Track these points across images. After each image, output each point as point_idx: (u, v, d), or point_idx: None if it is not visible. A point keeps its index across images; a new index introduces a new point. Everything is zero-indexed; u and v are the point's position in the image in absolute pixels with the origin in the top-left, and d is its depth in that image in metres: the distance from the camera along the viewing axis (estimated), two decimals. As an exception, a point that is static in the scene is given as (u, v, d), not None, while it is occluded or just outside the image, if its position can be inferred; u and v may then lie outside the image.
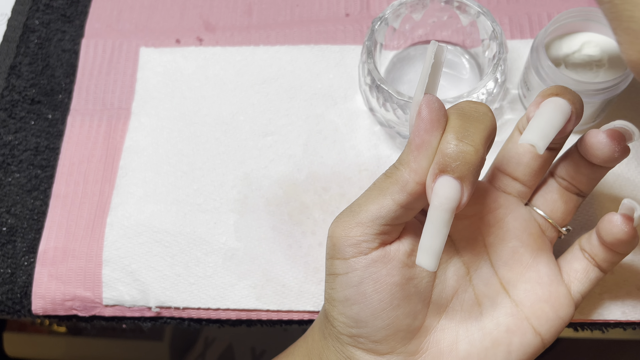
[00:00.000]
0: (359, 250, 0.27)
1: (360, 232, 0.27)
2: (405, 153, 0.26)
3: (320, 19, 0.46)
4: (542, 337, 0.30)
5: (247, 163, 0.41)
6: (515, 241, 0.31)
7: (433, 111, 0.25)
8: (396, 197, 0.26)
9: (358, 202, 0.28)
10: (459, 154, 0.25)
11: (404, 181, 0.26)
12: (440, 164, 0.25)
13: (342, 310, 0.28)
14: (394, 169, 0.27)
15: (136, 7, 0.48)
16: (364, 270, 0.27)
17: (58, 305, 0.39)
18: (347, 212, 0.28)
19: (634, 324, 0.37)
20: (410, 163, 0.26)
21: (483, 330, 0.30)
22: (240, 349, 0.76)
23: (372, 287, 0.27)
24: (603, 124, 0.40)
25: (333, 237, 0.28)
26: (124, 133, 0.43)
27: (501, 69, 0.36)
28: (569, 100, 0.27)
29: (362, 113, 0.42)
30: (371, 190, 0.28)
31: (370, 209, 0.27)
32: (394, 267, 0.28)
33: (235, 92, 0.44)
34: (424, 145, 0.25)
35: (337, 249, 0.28)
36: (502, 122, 0.41)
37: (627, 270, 0.37)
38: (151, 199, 0.41)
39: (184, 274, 0.39)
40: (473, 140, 0.25)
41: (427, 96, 0.25)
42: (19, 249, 0.41)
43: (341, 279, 0.28)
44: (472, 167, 0.25)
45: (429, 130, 0.25)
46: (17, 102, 0.44)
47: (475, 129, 0.25)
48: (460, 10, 0.39)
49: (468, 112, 0.26)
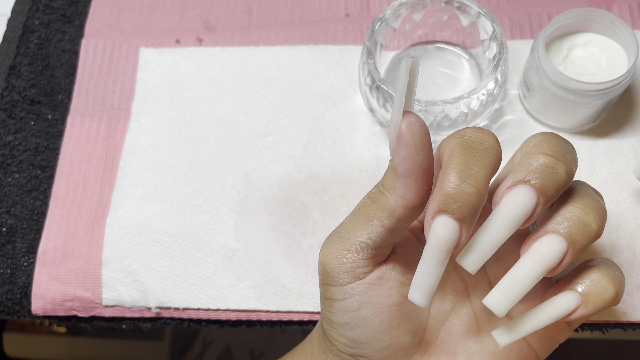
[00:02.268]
0: (354, 276, 0.27)
1: (352, 259, 0.27)
2: (390, 179, 0.25)
3: (320, 19, 0.46)
4: (537, 353, 0.30)
5: (247, 163, 0.41)
6: (512, 254, 0.31)
7: (415, 134, 0.24)
8: (385, 222, 0.26)
9: (346, 228, 0.27)
10: (460, 195, 0.24)
11: (392, 207, 0.25)
12: (440, 204, 0.24)
13: (342, 332, 0.28)
14: (379, 194, 0.26)
15: (136, 7, 0.48)
16: (362, 295, 0.27)
17: (58, 306, 0.39)
18: (336, 238, 0.27)
19: (634, 325, 0.37)
20: (397, 189, 0.25)
21: (481, 345, 0.30)
22: (239, 350, 0.76)
23: (371, 311, 0.27)
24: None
25: (325, 264, 0.27)
26: (123, 133, 0.43)
27: (501, 69, 0.36)
28: (538, 192, 0.25)
29: (362, 113, 0.42)
30: (358, 215, 0.27)
31: (360, 235, 0.26)
32: (391, 287, 0.27)
33: (235, 93, 0.44)
34: (409, 171, 0.25)
35: (332, 277, 0.27)
36: (501, 122, 0.41)
37: (627, 271, 0.37)
38: (151, 200, 0.41)
39: (184, 274, 0.39)
40: (476, 181, 0.24)
41: (407, 116, 0.24)
42: (19, 250, 0.41)
43: (339, 304, 0.27)
44: (473, 209, 0.24)
45: (412, 156, 0.24)
46: (17, 103, 0.44)
47: (479, 167, 0.24)
48: (460, 10, 0.39)
49: (473, 144, 0.25)
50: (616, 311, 0.36)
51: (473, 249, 0.25)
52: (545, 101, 0.38)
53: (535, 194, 0.25)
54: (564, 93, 0.36)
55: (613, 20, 0.37)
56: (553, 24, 0.37)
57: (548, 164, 0.25)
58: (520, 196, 0.25)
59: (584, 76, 0.38)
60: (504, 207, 0.25)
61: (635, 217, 0.38)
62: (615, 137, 0.40)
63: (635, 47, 0.36)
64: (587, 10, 0.37)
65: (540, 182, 0.25)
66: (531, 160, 0.25)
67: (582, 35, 0.39)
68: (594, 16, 0.38)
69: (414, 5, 0.39)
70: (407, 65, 0.23)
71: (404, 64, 0.24)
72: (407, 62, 0.23)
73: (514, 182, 0.25)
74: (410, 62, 0.23)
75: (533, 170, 0.25)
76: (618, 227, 0.38)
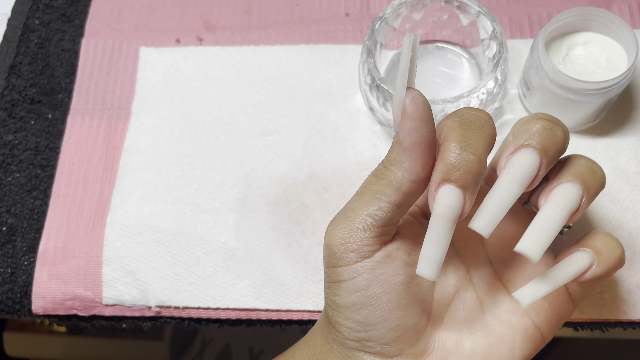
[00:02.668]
0: (362, 255, 0.27)
1: (360, 237, 0.27)
2: (396, 153, 0.26)
3: (320, 18, 0.46)
4: (542, 333, 0.30)
5: (247, 162, 0.41)
6: (515, 241, 0.31)
7: (419, 107, 0.25)
8: (391, 198, 0.26)
9: (352, 207, 0.27)
10: (462, 163, 0.24)
11: (398, 181, 0.26)
12: (443, 173, 0.25)
13: (349, 315, 0.28)
14: (384, 170, 0.26)
15: (136, 6, 0.48)
16: (371, 273, 0.27)
17: (58, 305, 0.39)
18: (342, 218, 0.28)
19: (634, 324, 0.37)
20: (403, 163, 0.26)
21: (486, 328, 0.30)
22: (238, 348, 0.76)
23: (380, 289, 0.27)
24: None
25: (332, 245, 0.27)
26: (124, 133, 0.43)
27: (501, 68, 0.36)
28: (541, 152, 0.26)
29: (362, 113, 0.42)
30: (363, 193, 0.27)
31: (366, 212, 0.27)
32: (398, 266, 0.28)
33: (235, 92, 0.44)
34: (415, 144, 0.25)
35: (339, 257, 0.27)
36: (501, 121, 0.41)
37: (626, 269, 0.37)
38: (151, 199, 0.41)
39: (184, 273, 0.39)
40: (475, 149, 0.25)
41: (410, 91, 0.25)
42: (19, 249, 0.41)
43: (346, 284, 0.28)
44: (475, 176, 0.25)
45: (418, 128, 0.25)
46: (17, 102, 0.44)
47: (477, 137, 0.25)
48: (460, 9, 0.39)
49: (469, 119, 0.26)
50: (616, 310, 0.36)
51: (484, 211, 0.25)
52: (545, 100, 0.38)
53: (538, 154, 0.26)
54: (563, 92, 0.37)
55: (613, 20, 0.37)
56: (553, 23, 0.37)
57: (546, 126, 0.26)
58: (525, 157, 0.26)
59: (583, 75, 0.38)
60: (511, 169, 0.26)
61: (635, 216, 0.38)
62: (615, 136, 0.40)
63: (635, 46, 0.36)
64: (587, 9, 0.37)
65: (541, 143, 0.26)
66: (529, 126, 0.26)
67: (582, 35, 0.39)
68: (594, 15, 0.38)
69: (414, 5, 0.39)
70: (410, 41, 0.24)
71: (406, 39, 0.24)
72: (410, 37, 0.24)
73: (517, 147, 0.26)
74: (413, 38, 0.24)
75: (533, 134, 0.26)
76: (618, 226, 0.38)
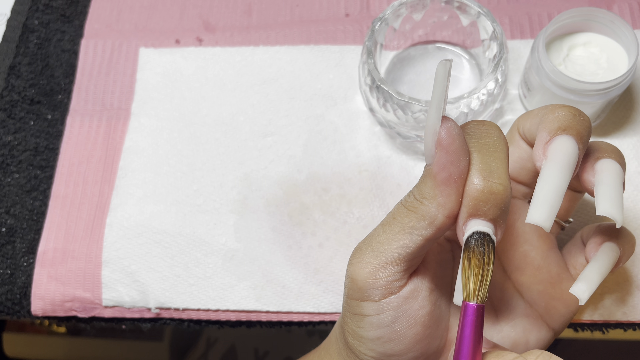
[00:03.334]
0: (390, 291, 0.26)
1: (388, 273, 0.26)
2: (429, 187, 0.24)
3: (320, 19, 0.46)
4: (554, 331, 0.31)
5: (247, 164, 0.41)
6: (526, 245, 0.31)
7: (455, 140, 0.23)
8: (424, 232, 0.25)
9: (379, 240, 0.26)
10: (489, 196, 0.23)
11: (432, 216, 0.24)
12: (470, 208, 0.24)
13: (372, 347, 0.27)
14: (417, 203, 0.25)
15: (136, 7, 0.48)
16: (397, 310, 0.26)
17: (57, 306, 0.39)
18: (369, 251, 0.26)
19: (635, 325, 0.37)
20: (437, 197, 0.24)
21: (501, 333, 0.30)
22: (243, 349, 0.76)
23: (405, 324, 0.26)
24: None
25: (358, 280, 0.26)
26: (123, 134, 0.43)
27: (501, 69, 0.36)
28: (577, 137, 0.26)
29: (362, 113, 0.42)
30: (393, 226, 0.26)
31: (396, 246, 0.25)
32: (424, 297, 0.27)
33: (235, 93, 0.44)
34: (451, 178, 0.24)
35: (365, 292, 0.26)
36: (502, 122, 0.41)
37: (627, 271, 0.37)
38: (151, 200, 0.41)
39: (184, 274, 0.39)
40: (500, 177, 0.24)
41: (446, 122, 0.23)
42: (19, 250, 0.41)
43: (371, 319, 0.27)
44: (504, 205, 0.24)
45: (454, 162, 0.24)
46: (16, 103, 0.44)
47: (497, 161, 0.24)
48: (460, 10, 0.39)
49: (484, 141, 0.25)
50: (616, 311, 0.36)
51: (540, 203, 0.24)
52: (546, 101, 0.38)
53: (574, 139, 0.25)
54: (564, 93, 0.36)
55: (613, 20, 0.37)
56: (553, 24, 0.37)
57: (573, 112, 0.26)
58: (566, 143, 0.25)
59: (584, 76, 0.37)
60: (556, 156, 0.25)
61: (635, 217, 0.38)
62: (616, 136, 0.40)
63: (636, 46, 0.36)
64: (587, 10, 0.37)
65: (575, 129, 0.25)
66: (557, 114, 0.26)
67: (583, 35, 0.39)
68: (594, 16, 0.38)
69: (414, 5, 0.39)
70: (445, 68, 0.23)
71: (441, 67, 0.23)
72: (445, 65, 0.23)
73: (551, 135, 0.25)
74: (448, 65, 0.23)
75: (565, 120, 0.26)
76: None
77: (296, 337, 0.72)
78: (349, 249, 0.38)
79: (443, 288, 0.29)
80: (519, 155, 0.30)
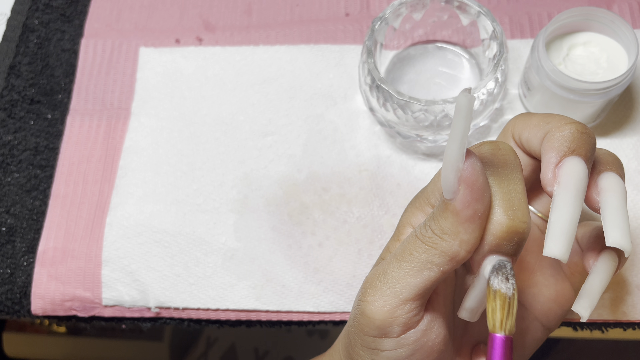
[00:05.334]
0: (408, 327, 0.25)
1: (407, 310, 0.25)
2: (451, 223, 0.23)
3: (320, 18, 0.46)
4: (549, 329, 0.31)
5: (246, 163, 0.41)
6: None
7: (480, 176, 0.23)
8: (444, 268, 0.24)
9: (396, 277, 0.25)
10: (513, 236, 0.23)
11: (454, 253, 0.24)
12: (493, 246, 0.23)
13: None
14: (437, 239, 0.24)
15: (136, 7, 0.48)
16: (415, 344, 0.26)
17: (57, 306, 0.39)
18: (385, 289, 0.25)
19: (634, 324, 0.37)
20: (460, 235, 0.23)
21: None
22: (243, 349, 0.76)
23: (422, 355, 0.26)
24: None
25: (376, 319, 0.25)
26: (123, 133, 0.43)
27: (501, 68, 0.36)
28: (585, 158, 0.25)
29: (362, 113, 0.42)
30: (410, 263, 0.25)
31: (415, 283, 0.25)
32: (440, 325, 0.26)
33: (235, 92, 0.44)
34: (476, 215, 0.23)
35: (383, 330, 0.26)
36: (502, 122, 0.41)
37: (627, 270, 0.37)
38: (151, 199, 0.41)
39: (184, 274, 0.39)
40: (523, 214, 0.23)
41: (470, 158, 0.22)
42: (19, 249, 0.41)
43: (388, 354, 0.26)
44: (524, 241, 0.23)
45: (479, 200, 0.23)
46: (16, 102, 0.44)
47: (518, 194, 0.23)
48: (460, 10, 0.39)
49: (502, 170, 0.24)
50: (616, 310, 0.36)
51: (557, 235, 0.24)
52: (546, 100, 0.38)
53: (583, 161, 0.25)
54: (564, 92, 0.36)
55: (613, 20, 0.37)
56: (553, 23, 0.37)
57: (581, 130, 0.25)
58: (577, 167, 0.24)
59: (584, 75, 0.37)
60: (568, 183, 0.24)
61: (635, 216, 0.38)
62: (616, 136, 0.40)
63: (636, 46, 0.36)
64: (587, 9, 0.37)
65: (584, 149, 0.25)
66: (565, 133, 0.25)
67: (583, 35, 0.39)
68: (594, 15, 0.38)
69: (414, 5, 0.39)
70: (468, 102, 0.21)
71: (463, 99, 0.21)
72: (468, 99, 0.21)
73: (561, 157, 0.25)
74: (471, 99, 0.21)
75: (573, 141, 0.25)
76: (618, 227, 0.38)
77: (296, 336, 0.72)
78: (348, 248, 0.38)
79: (450, 305, 0.29)
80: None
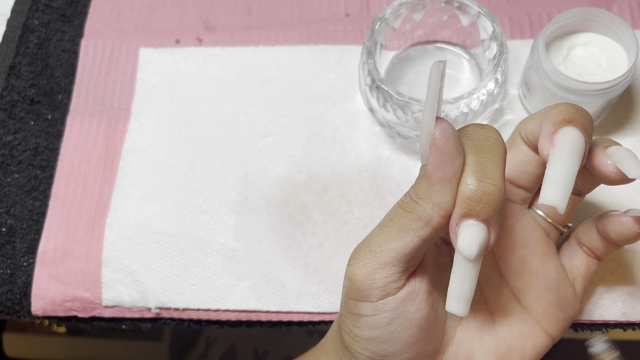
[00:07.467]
0: (387, 292, 0.26)
1: (386, 274, 0.26)
2: (424, 187, 0.24)
3: (320, 19, 0.46)
4: (552, 337, 0.30)
5: (247, 164, 0.41)
6: (524, 250, 0.31)
7: (449, 140, 0.23)
8: (420, 233, 0.25)
9: (377, 241, 0.26)
10: (482, 196, 0.23)
11: (428, 217, 0.24)
12: (463, 208, 0.24)
13: (367, 346, 0.27)
14: (413, 204, 0.25)
15: (136, 7, 0.48)
16: (394, 312, 0.26)
17: (57, 306, 0.39)
18: (367, 252, 0.26)
19: (635, 325, 0.37)
20: (433, 198, 0.24)
21: (497, 338, 0.30)
22: (243, 349, 0.76)
23: (401, 325, 0.27)
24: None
25: (356, 280, 0.26)
26: (123, 133, 0.43)
27: (501, 69, 0.36)
28: (582, 129, 0.25)
29: (362, 113, 0.42)
30: (390, 227, 0.26)
31: (393, 247, 0.25)
32: (421, 300, 0.27)
33: (235, 93, 0.44)
34: (446, 178, 0.24)
35: (362, 293, 0.26)
36: (502, 122, 0.41)
37: (627, 271, 0.37)
38: (151, 200, 0.41)
39: (184, 274, 0.39)
40: (493, 178, 0.24)
41: (440, 123, 0.23)
42: (19, 250, 0.41)
43: (367, 319, 0.27)
44: (497, 207, 0.24)
45: (448, 162, 0.24)
46: (16, 103, 0.44)
47: (493, 163, 0.24)
48: (460, 10, 0.39)
49: (480, 143, 0.25)
50: (616, 311, 0.36)
51: (553, 184, 0.24)
52: (546, 101, 0.38)
53: (580, 130, 0.25)
54: (564, 93, 0.36)
55: (613, 20, 0.37)
56: (553, 24, 0.37)
57: (575, 107, 0.25)
58: (572, 131, 0.25)
59: (584, 76, 0.38)
60: (564, 142, 0.25)
61: (635, 217, 0.38)
62: (616, 136, 0.40)
63: (636, 46, 0.36)
64: (587, 10, 0.37)
65: (580, 121, 0.25)
66: (560, 109, 0.25)
67: (582, 35, 0.39)
68: (594, 16, 0.38)
69: (414, 5, 0.39)
70: (439, 69, 0.23)
71: (434, 68, 0.23)
72: (438, 66, 0.23)
73: (557, 126, 0.25)
74: (441, 66, 0.23)
75: (568, 114, 0.25)
76: (618, 227, 0.38)
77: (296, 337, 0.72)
78: (348, 248, 0.38)
79: (441, 291, 0.29)
80: (520, 158, 0.30)
